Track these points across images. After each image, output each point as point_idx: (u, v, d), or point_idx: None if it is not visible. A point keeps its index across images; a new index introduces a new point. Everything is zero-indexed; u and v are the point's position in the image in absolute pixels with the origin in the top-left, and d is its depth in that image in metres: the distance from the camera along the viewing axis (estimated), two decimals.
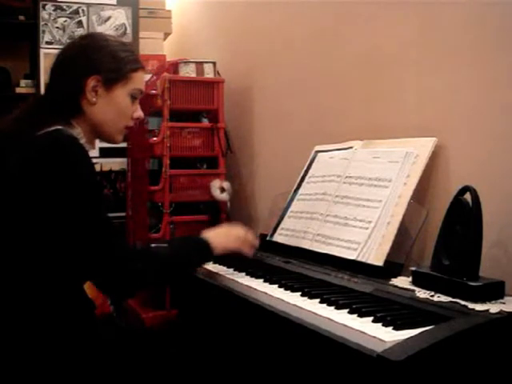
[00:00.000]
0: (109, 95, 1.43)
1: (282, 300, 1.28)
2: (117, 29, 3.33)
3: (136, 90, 1.47)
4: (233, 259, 1.62)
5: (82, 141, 1.38)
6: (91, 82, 1.40)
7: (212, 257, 1.49)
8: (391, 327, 1.06)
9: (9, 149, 1.32)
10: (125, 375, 1.37)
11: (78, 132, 1.38)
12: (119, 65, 1.44)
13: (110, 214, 1.36)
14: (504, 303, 1.15)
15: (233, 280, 1.50)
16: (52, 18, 3.22)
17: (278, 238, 1.84)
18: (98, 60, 1.42)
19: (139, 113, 1.51)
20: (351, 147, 1.75)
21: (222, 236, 1.51)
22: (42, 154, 1.27)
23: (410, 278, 1.33)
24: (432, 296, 1.21)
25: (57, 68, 1.46)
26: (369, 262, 1.45)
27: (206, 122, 2.64)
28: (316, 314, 1.16)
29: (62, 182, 1.25)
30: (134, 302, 2.50)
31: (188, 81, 2.55)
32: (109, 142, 1.51)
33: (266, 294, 1.35)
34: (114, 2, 3.33)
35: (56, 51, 1.53)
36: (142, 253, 1.38)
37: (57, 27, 3.22)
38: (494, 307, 1.11)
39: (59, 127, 1.31)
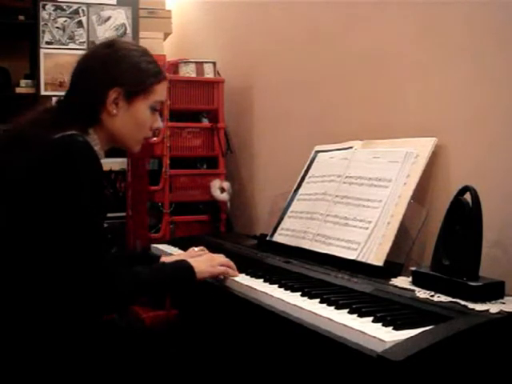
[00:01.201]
0: (130, 108, 1.42)
1: (282, 300, 1.28)
2: (117, 29, 3.34)
3: (157, 102, 1.47)
4: (233, 259, 1.62)
5: (97, 147, 1.37)
6: (113, 95, 1.39)
7: (194, 281, 1.45)
8: (391, 327, 1.06)
9: (22, 150, 1.31)
10: (125, 375, 1.37)
11: (93, 138, 1.38)
12: (142, 77, 1.42)
13: (110, 214, 1.36)
14: (504, 303, 1.15)
15: (233, 280, 1.50)
16: (52, 18, 3.22)
17: (278, 237, 1.84)
18: (120, 72, 1.40)
19: (158, 123, 1.50)
20: (351, 147, 1.75)
21: (207, 261, 1.50)
22: (53, 157, 1.26)
23: (410, 278, 1.33)
24: (432, 296, 1.21)
25: (78, 76, 1.44)
26: (369, 261, 1.45)
27: (206, 122, 2.64)
28: (316, 314, 1.16)
29: (66, 186, 1.25)
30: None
31: (188, 81, 2.55)
32: (126, 149, 1.52)
33: (266, 293, 1.35)
34: (114, 2, 3.33)
35: (56, 51, 1.53)
36: (123, 273, 1.34)
37: (57, 27, 3.22)
38: (494, 307, 1.11)
39: (75, 132, 1.30)
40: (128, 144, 1.48)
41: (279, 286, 1.40)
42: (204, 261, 1.50)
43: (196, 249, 1.68)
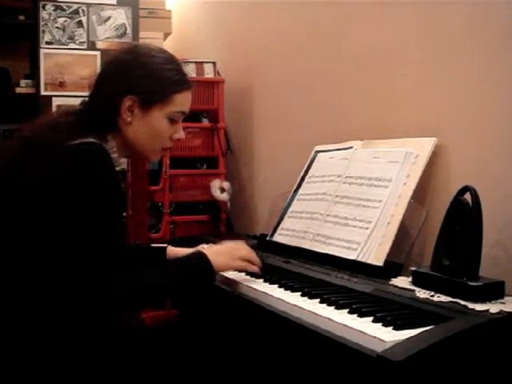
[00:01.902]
0: (145, 117, 1.38)
1: (282, 300, 1.28)
2: (117, 29, 3.33)
3: (175, 112, 1.42)
4: None
5: (114, 155, 1.36)
6: (127, 102, 1.37)
7: (213, 277, 1.39)
8: (391, 327, 1.06)
9: (37, 154, 1.29)
10: (125, 375, 1.37)
11: (111, 145, 1.36)
12: (160, 86, 1.39)
13: None
14: (504, 303, 1.15)
15: (233, 280, 1.50)
16: (52, 18, 3.22)
17: (278, 237, 1.84)
18: (136, 80, 1.37)
19: (180, 134, 1.46)
20: (351, 147, 1.75)
21: (224, 254, 1.42)
22: (68, 164, 1.25)
23: (410, 278, 1.33)
24: (432, 296, 1.21)
25: (98, 81, 1.42)
26: (369, 261, 1.45)
27: (206, 122, 2.64)
28: (316, 314, 1.16)
29: (79, 193, 1.24)
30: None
31: None
32: (145, 159, 1.48)
33: (266, 293, 1.35)
34: (114, 2, 3.33)
35: (56, 51, 1.52)
36: (127, 275, 1.30)
37: (57, 27, 3.21)
38: (494, 307, 1.11)
39: (92, 140, 1.29)
40: (144, 153, 1.45)
41: (279, 286, 1.40)
42: (223, 253, 1.43)
43: (205, 246, 1.68)
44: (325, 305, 1.22)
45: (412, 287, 1.29)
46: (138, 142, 1.41)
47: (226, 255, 1.42)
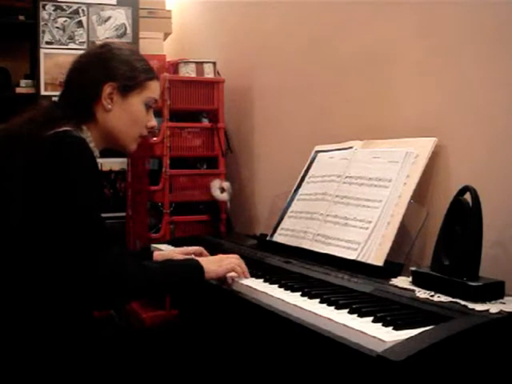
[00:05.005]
0: (124, 103, 1.44)
1: (282, 300, 1.28)
2: (117, 29, 3.33)
3: (151, 98, 1.49)
4: None
5: (91, 145, 1.38)
6: (107, 89, 1.42)
7: (202, 281, 1.44)
8: (391, 327, 1.06)
9: (16, 148, 1.32)
10: (124, 375, 1.37)
11: (87, 135, 1.39)
12: (135, 73, 1.46)
13: (110, 214, 1.35)
14: (504, 303, 1.15)
15: (233, 280, 1.50)
16: (52, 18, 3.22)
17: (278, 238, 1.84)
18: (114, 68, 1.44)
19: (153, 122, 1.53)
20: (351, 147, 1.75)
21: (215, 262, 1.48)
22: (46, 154, 1.27)
23: (410, 278, 1.33)
24: (432, 296, 1.21)
25: (72, 75, 1.47)
26: (369, 261, 1.45)
27: (206, 122, 2.64)
28: (316, 314, 1.16)
29: (61, 181, 1.25)
30: (135, 301, 2.50)
31: (188, 81, 2.55)
32: (122, 150, 1.53)
33: (266, 293, 1.35)
34: (114, 2, 3.33)
35: (56, 51, 1.54)
36: (128, 263, 1.32)
37: (57, 27, 3.22)
38: (493, 307, 1.11)
39: (67, 128, 1.31)
40: (123, 141, 1.49)
41: (279, 286, 1.40)
42: (213, 261, 1.49)
43: (190, 248, 1.69)
44: (325, 305, 1.22)
45: (412, 287, 1.29)
46: (117, 129, 1.45)
47: (215, 263, 1.48)
